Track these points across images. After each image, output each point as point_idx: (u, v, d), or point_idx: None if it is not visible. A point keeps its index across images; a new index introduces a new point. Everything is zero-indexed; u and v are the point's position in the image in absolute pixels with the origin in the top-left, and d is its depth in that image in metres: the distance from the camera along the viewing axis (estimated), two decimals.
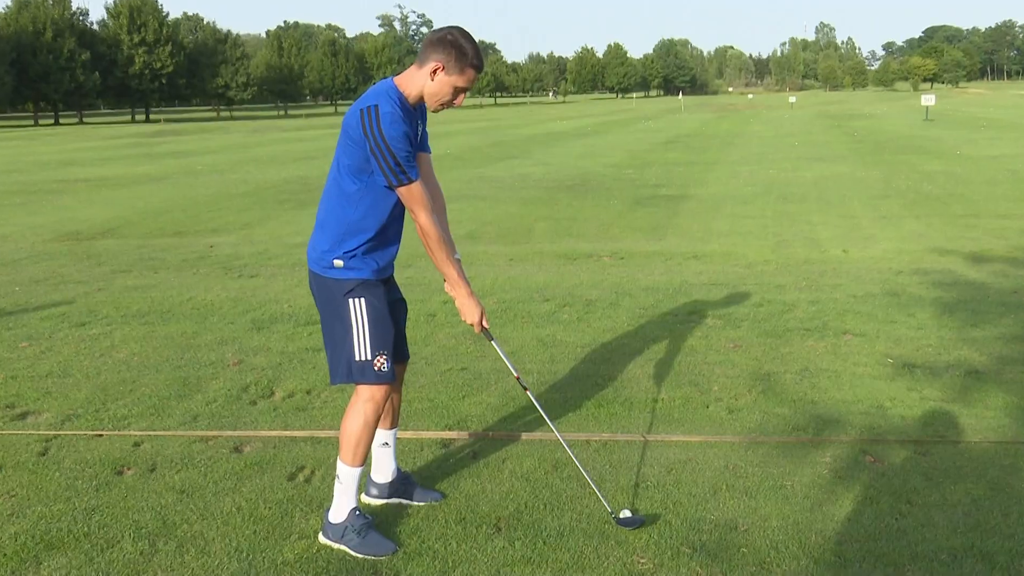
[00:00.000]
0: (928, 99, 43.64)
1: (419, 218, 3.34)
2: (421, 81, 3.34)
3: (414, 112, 3.38)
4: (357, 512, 3.50)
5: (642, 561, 3.33)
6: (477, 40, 3.40)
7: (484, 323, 3.57)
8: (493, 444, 4.47)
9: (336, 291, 3.43)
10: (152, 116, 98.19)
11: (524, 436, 4.54)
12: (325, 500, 3.85)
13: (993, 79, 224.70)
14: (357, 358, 3.42)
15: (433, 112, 3.47)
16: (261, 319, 7.07)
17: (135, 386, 5.46)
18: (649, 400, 5.04)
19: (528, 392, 3.80)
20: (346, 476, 3.49)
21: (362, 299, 3.41)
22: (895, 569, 3.24)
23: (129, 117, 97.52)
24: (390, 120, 3.20)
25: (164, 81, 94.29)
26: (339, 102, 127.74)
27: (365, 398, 3.46)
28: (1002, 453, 4.22)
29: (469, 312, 3.52)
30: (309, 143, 36.06)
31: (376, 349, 3.42)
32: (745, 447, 4.37)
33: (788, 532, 3.52)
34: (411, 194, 3.31)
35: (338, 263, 3.40)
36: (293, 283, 8.45)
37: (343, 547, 3.45)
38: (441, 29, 3.37)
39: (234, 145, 36.68)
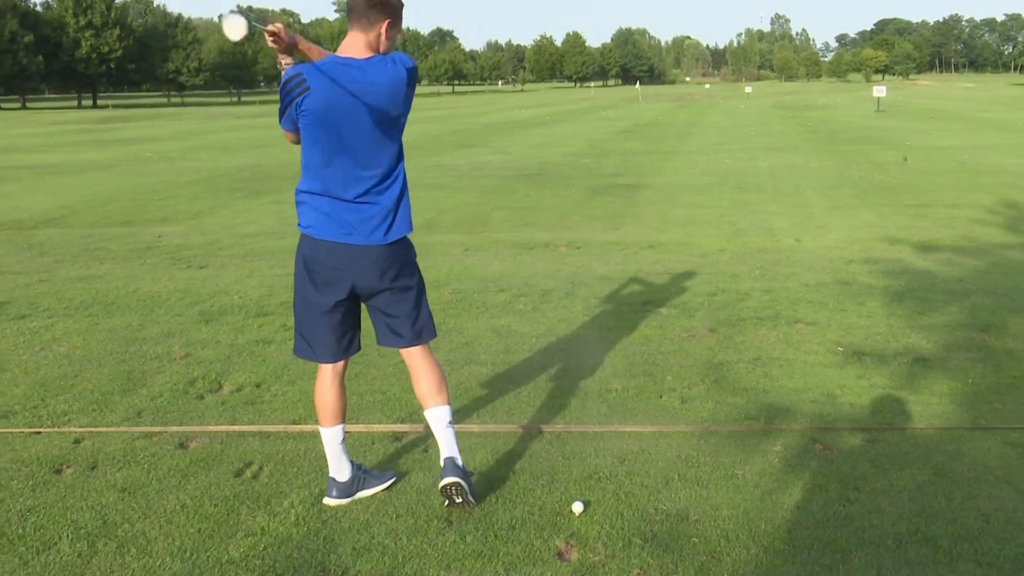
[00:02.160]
0: (880, 90, 44.27)
1: None
2: (374, 41, 3.40)
3: None
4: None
5: (593, 554, 3.31)
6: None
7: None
8: None
9: (413, 250, 3.70)
10: (100, 101, 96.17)
11: (477, 429, 4.50)
12: (273, 496, 3.79)
13: (941, 71, 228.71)
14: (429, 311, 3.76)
15: None
16: (210, 311, 6.95)
17: (76, 381, 5.33)
18: (603, 390, 5.02)
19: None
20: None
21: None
22: (843, 555, 3.26)
23: (75, 102, 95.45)
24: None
25: (112, 65, 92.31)
26: None
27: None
28: (946, 439, 4.27)
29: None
30: (264, 131, 35.59)
31: None
32: (698, 437, 4.37)
33: (738, 521, 3.53)
34: None
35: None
36: (244, 274, 8.32)
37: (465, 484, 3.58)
38: None
39: (185, 132, 36.11)
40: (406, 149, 3.68)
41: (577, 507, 3.62)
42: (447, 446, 3.65)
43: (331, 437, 3.71)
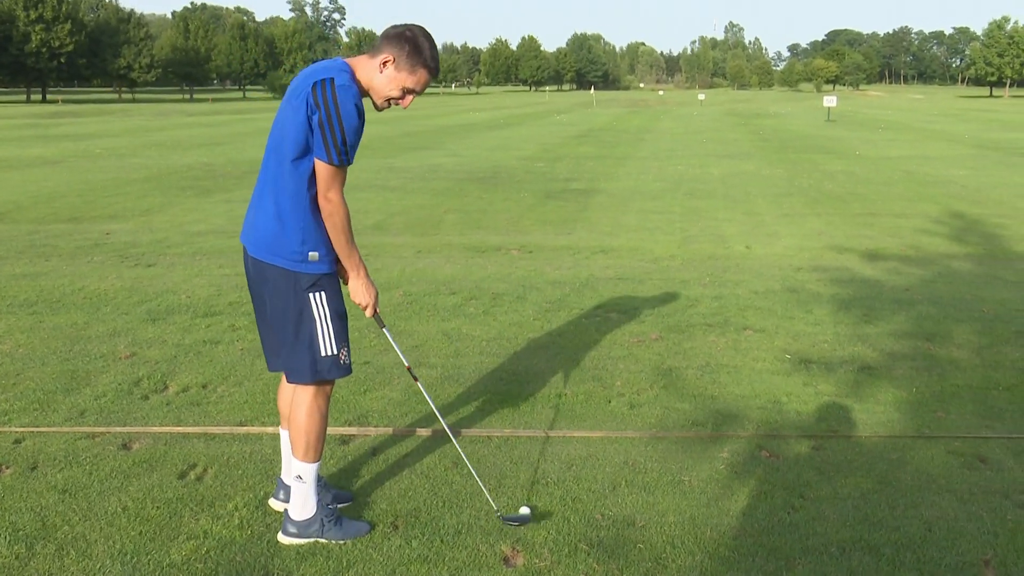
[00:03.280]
0: (830, 100, 45.04)
1: (333, 195, 3.16)
2: (371, 71, 3.19)
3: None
4: (326, 504, 3.47)
5: (539, 560, 3.31)
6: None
7: (376, 308, 3.45)
8: (394, 440, 4.40)
9: (302, 285, 3.24)
10: (49, 96, 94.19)
11: (425, 432, 4.48)
12: (217, 499, 3.74)
13: (891, 82, 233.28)
14: (322, 354, 3.30)
15: (378, 110, 3.34)
16: (157, 310, 6.83)
17: (18, 380, 5.21)
18: (552, 395, 5.03)
19: (418, 383, 3.72)
20: (309, 474, 3.41)
21: (323, 292, 3.28)
22: (787, 563, 3.30)
23: (24, 97, 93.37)
24: (346, 93, 3.05)
25: (63, 60, 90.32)
26: (248, 87, 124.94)
27: (320, 393, 3.38)
28: (890, 447, 4.34)
29: (364, 294, 3.38)
30: (215, 128, 35.18)
31: (340, 343, 3.34)
32: (645, 442, 4.39)
33: (684, 527, 3.55)
34: (337, 174, 3.14)
35: (314, 256, 3.23)
36: (192, 273, 8.20)
37: (317, 540, 3.40)
38: (401, 24, 3.24)
39: (136, 128, 35.53)
40: (359, 149, 3.53)
41: (524, 512, 3.61)
42: (291, 499, 3.47)
43: (284, 439, 3.66)
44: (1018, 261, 9.13)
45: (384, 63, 3.17)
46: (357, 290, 3.38)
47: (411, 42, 3.17)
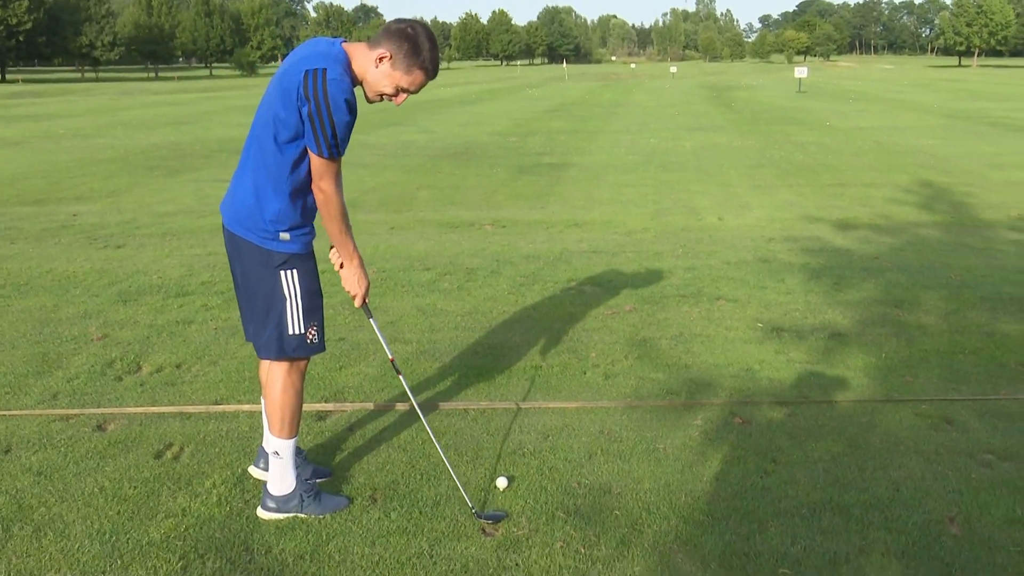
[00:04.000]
0: (801, 72, 45.21)
1: (325, 185, 3.14)
2: (366, 64, 3.13)
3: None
4: (305, 479, 3.48)
5: (517, 528, 3.35)
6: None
7: (366, 298, 3.47)
8: (370, 415, 4.42)
9: (273, 262, 3.24)
10: (8, 76, 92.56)
11: (401, 407, 4.49)
12: (194, 477, 3.74)
13: (861, 53, 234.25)
14: (290, 332, 3.30)
15: (369, 102, 3.27)
16: (128, 291, 6.78)
17: None
18: (528, 368, 5.06)
19: (400, 377, 3.71)
20: (285, 450, 3.42)
21: (294, 271, 3.27)
22: (759, 525, 3.36)
23: None
24: (337, 87, 2.99)
25: (22, 39, 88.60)
26: (214, 64, 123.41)
27: (294, 369, 3.38)
28: (860, 411, 4.41)
29: (355, 284, 3.39)
30: (181, 107, 34.76)
31: (309, 322, 3.33)
32: (620, 412, 4.44)
33: (659, 493, 3.60)
34: (329, 165, 3.11)
35: (284, 236, 3.21)
36: (163, 253, 8.14)
37: (296, 515, 3.41)
38: (405, 20, 3.17)
39: (100, 108, 35.02)
40: None
41: (501, 482, 3.65)
42: (269, 474, 3.48)
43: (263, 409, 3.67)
44: (985, 228, 9.26)
45: (380, 58, 3.11)
46: (348, 279, 3.40)
47: (411, 41, 3.10)
